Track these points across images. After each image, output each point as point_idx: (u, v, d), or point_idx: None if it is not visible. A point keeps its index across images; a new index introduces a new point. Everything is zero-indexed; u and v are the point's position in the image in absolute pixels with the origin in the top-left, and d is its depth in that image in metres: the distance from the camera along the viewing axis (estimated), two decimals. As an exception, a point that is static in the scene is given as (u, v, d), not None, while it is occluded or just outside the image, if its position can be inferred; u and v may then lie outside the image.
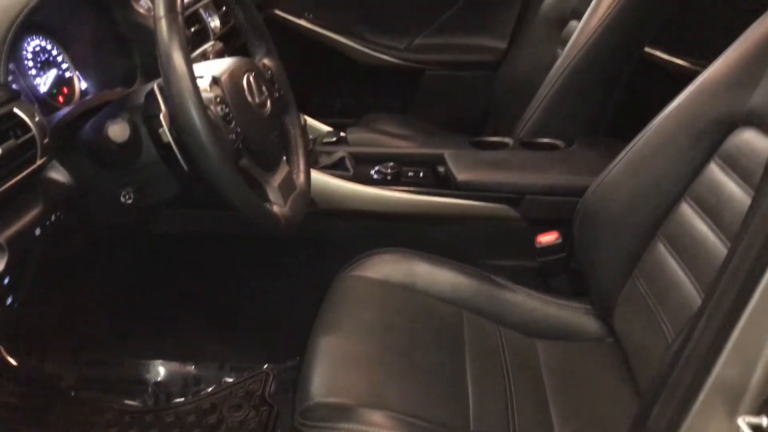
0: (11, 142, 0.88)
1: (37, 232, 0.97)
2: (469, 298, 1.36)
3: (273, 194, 1.12)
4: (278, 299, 1.57)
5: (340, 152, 1.58)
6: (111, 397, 1.52)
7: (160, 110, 1.02)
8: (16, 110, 0.92)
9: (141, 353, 1.55)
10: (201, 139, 0.93)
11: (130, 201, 1.07)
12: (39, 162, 0.94)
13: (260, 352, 1.58)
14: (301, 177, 1.26)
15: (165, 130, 1.02)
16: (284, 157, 1.23)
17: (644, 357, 1.14)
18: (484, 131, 2.18)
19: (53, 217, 1.01)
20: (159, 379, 1.54)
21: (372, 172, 1.55)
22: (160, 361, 1.55)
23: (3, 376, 1.54)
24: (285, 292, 1.56)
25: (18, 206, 0.95)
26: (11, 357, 1.57)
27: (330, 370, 1.13)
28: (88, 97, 1.30)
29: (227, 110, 1.03)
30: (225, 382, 1.55)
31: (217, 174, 0.96)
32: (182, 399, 1.53)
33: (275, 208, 1.10)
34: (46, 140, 0.95)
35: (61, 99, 1.27)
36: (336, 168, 1.55)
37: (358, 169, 1.56)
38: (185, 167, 1.03)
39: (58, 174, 1.05)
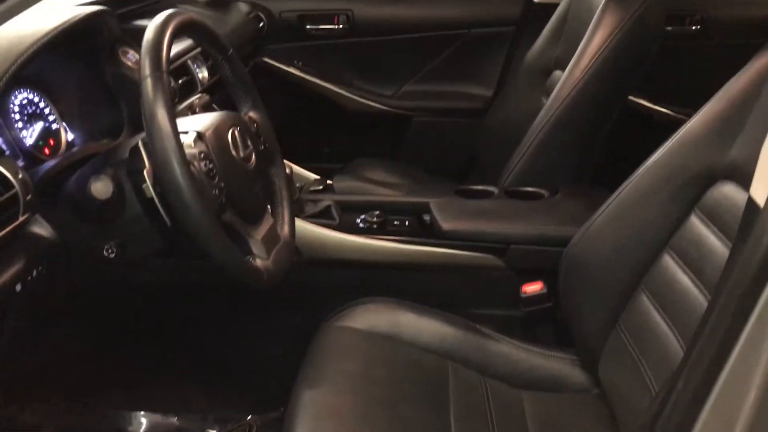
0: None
1: (18, 288, 0.97)
2: (455, 348, 1.36)
3: (256, 247, 1.12)
4: (262, 349, 1.56)
5: (327, 201, 1.59)
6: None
7: (144, 166, 1.03)
8: (-1, 167, 0.92)
9: (123, 404, 1.53)
10: (183, 195, 0.94)
11: (113, 255, 1.07)
12: (21, 219, 0.94)
13: (244, 402, 1.56)
14: (286, 229, 1.26)
15: (148, 186, 1.02)
16: (269, 209, 1.23)
17: (629, 411, 1.13)
18: (471, 177, 2.20)
19: (35, 273, 1.01)
20: (141, 430, 1.52)
21: (358, 220, 1.56)
22: (142, 413, 1.53)
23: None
24: (269, 342, 1.55)
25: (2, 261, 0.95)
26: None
27: (313, 424, 1.13)
28: (75, 149, 1.31)
29: (211, 166, 1.04)
30: (208, 432, 1.53)
31: (199, 230, 0.96)
32: (164, 452, 1.51)
33: (258, 262, 1.10)
34: (28, 197, 0.95)
35: (47, 151, 1.27)
36: (322, 217, 1.55)
37: (344, 217, 1.56)
38: (168, 222, 1.04)
39: (41, 229, 1.05)
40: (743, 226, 0.75)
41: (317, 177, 1.75)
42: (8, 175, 0.92)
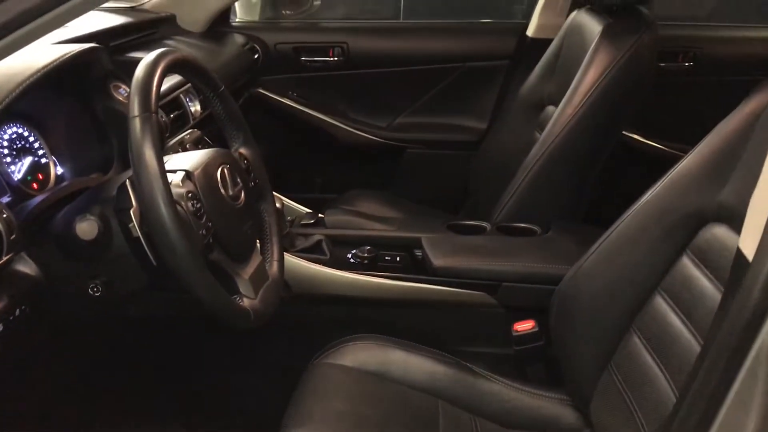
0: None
1: (0, 328, 0.95)
2: (445, 387, 1.34)
3: (243, 287, 1.11)
4: (249, 385, 1.54)
5: (317, 235, 1.58)
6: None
7: (131, 205, 1.02)
8: (-19, 207, 0.91)
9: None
10: (169, 236, 0.93)
11: (99, 293, 1.06)
12: (4, 259, 0.93)
13: None
14: (274, 267, 1.25)
15: (135, 225, 1.01)
16: (258, 247, 1.22)
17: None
18: (464, 210, 2.19)
19: (17, 312, 0.99)
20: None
21: (349, 255, 1.55)
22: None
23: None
24: (256, 378, 1.53)
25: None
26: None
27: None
28: (64, 183, 1.30)
29: (199, 205, 1.03)
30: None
31: (184, 271, 0.95)
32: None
33: (245, 302, 1.09)
34: (13, 236, 0.94)
35: (35, 185, 1.26)
36: (313, 251, 1.54)
37: (335, 252, 1.56)
38: (154, 262, 1.03)
39: (26, 267, 1.04)
40: (733, 278, 0.74)
41: (308, 211, 1.74)
42: (-9, 215, 0.91)
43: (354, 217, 1.77)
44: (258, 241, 1.24)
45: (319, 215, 1.71)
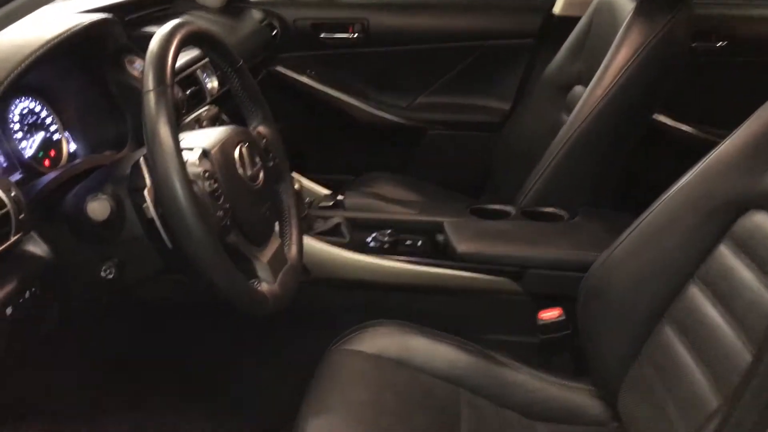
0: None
1: (8, 311, 0.91)
2: (468, 376, 1.30)
3: (262, 271, 1.07)
4: (266, 373, 1.51)
5: (337, 218, 1.53)
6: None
7: (144, 184, 0.98)
8: (-11, 185, 0.87)
9: (118, 428, 1.48)
10: (185, 218, 0.89)
11: (111, 276, 1.02)
12: (12, 239, 0.89)
13: (245, 428, 1.50)
14: (293, 250, 1.20)
15: (149, 206, 0.97)
16: (276, 229, 1.18)
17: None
18: (485, 193, 2.14)
19: (27, 294, 0.95)
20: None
21: (368, 239, 1.50)
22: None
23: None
24: (273, 365, 1.49)
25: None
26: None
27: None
28: (77, 161, 1.26)
29: (216, 186, 0.98)
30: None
31: (200, 254, 0.91)
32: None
33: (263, 286, 1.05)
34: (21, 215, 0.90)
35: (47, 162, 1.23)
36: (332, 234, 1.50)
37: (355, 235, 1.51)
38: (169, 244, 0.98)
39: (36, 247, 1.00)
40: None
41: (327, 192, 1.69)
42: (0, 193, 0.87)
43: (373, 199, 1.72)
44: (276, 223, 1.19)
45: (338, 197, 1.66)
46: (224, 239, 1.00)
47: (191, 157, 0.98)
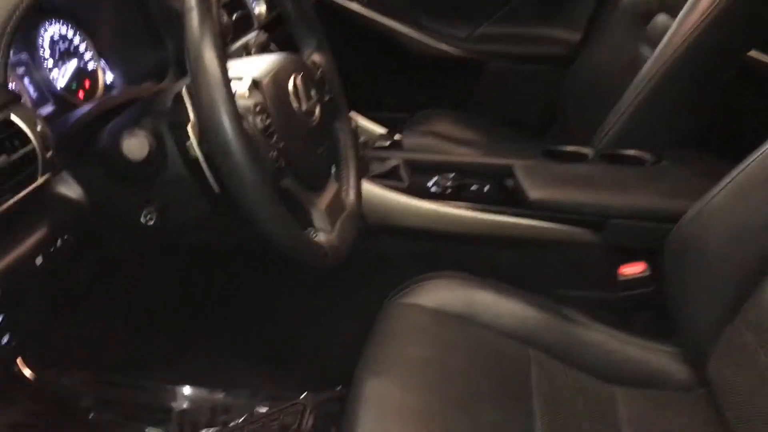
0: (3, 159, 0.71)
1: (39, 261, 0.81)
2: (539, 334, 1.19)
3: (319, 219, 0.94)
4: (319, 323, 1.41)
5: (394, 159, 1.40)
6: (132, 423, 1.37)
7: (188, 119, 0.85)
8: (13, 117, 0.75)
9: (166, 377, 1.40)
10: (234, 158, 0.76)
11: (153, 222, 0.91)
12: (40, 180, 0.78)
13: (297, 380, 1.41)
14: (351, 195, 1.08)
15: (193, 144, 0.85)
16: (332, 173, 1.05)
17: (747, 416, 0.95)
18: (551, 135, 1.98)
19: (59, 242, 0.85)
20: (185, 406, 1.39)
21: (429, 183, 1.37)
22: (186, 387, 1.40)
23: (16, 389, 1.40)
24: (327, 315, 1.39)
25: (14, 231, 0.79)
26: (27, 368, 1.44)
27: (379, 424, 0.97)
28: (113, 92, 1.15)
29: (268, 122, 0.85)
30: (257, 412, 1.39)
31: (252, 200, 0.79)
32: (209, 429, 1.37)
33: (321, 237, 0.93)
34: (49, 153, 0.79)
35: (81, 94, 1.11)
36: (389, 178, 1.37)
37: (414, 179, 1.38)
38: (215, 188, 0.87)
39: (68, 189, 0.89)
40: None
41: (383, 131, 1.55)
42: (24, 126, 0.76)
43: (434, 139, 1.57)
44: (332, 166, 1.07)
45: (395, 137, 1.52)
46: (278, 184, 0.87)
47: (240, 88, 0.85)
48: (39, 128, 0.77)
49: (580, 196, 1.29)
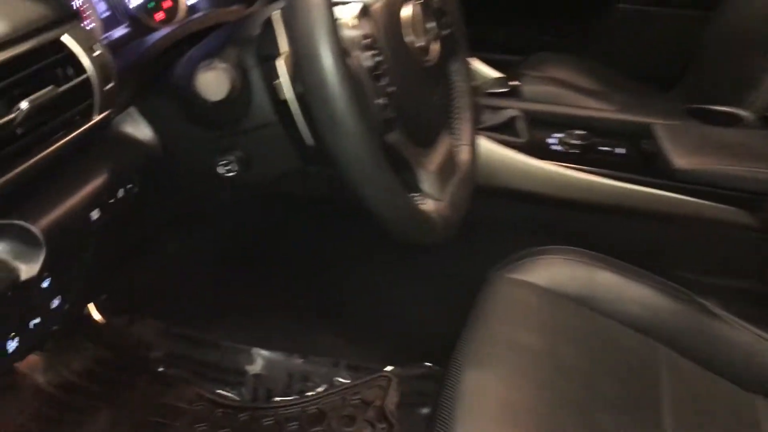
0: (48, 91, 0.57)
1: (95, 215, 0.67)
2: (670, 328, 1.01)
3: (428, 183, 0.77)
4: (411, 292, 1.25)
5: (512, 110, 1.21)
6: (203, 383, 1.26)
7: (279, 51, 0.69)
8: (65, 39, 0.61)
9: (242, 337, 1.28)
10: (334, 103, 0.60)
11: (232, 174, 0.76)
12: (96, 118, 0.63)
13: (383, 351, 1.27)
14: (466, 153, 0.90)
15: (284, 83, 0.69)
16: (445, 125, 0.88)
17: None
18: (682, 86, 1.73)
19: (121, 192, 0.71)
20: (260, 370, 1.27)
21: (551, 140, 1.17)
22: (263, 350, 1.27)
23: (86, 334, 1.32)
24: (421, 284, 1.24)
25: (65, 180, 0.66)
26: (98, 312, 1.35)
27: (479, 425, 0.82)
28: (197, 15, 0.99)
29: (378, 59, 0.68)
30: (337, 382, 1.26)
31: (352, 159, 0.62)
32: (285, 398, 1.25)
33: (429, 205, 0.76)
34: (110, 85, 0.64)
35: (159, 15, 0.96)
36: (504, 131, 1.18)
37: (534, 134, 1.19)
38: (308, 140, 0.71)
39: (136, 129, 0.75)
40: None
41: (499, 75, 1.35)
42: (78, 50, 0.61)
43: (557, 87, 1.36)
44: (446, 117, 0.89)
45: (513, 83, 1.31)
46: (383, 138, 0.70)
47: (346, 15, 0.68)
48: (96, 53, 0.62)
49: (736, 168, 1.07)
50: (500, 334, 0.96)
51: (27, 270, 0.62)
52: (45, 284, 0.66)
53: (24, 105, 0.54)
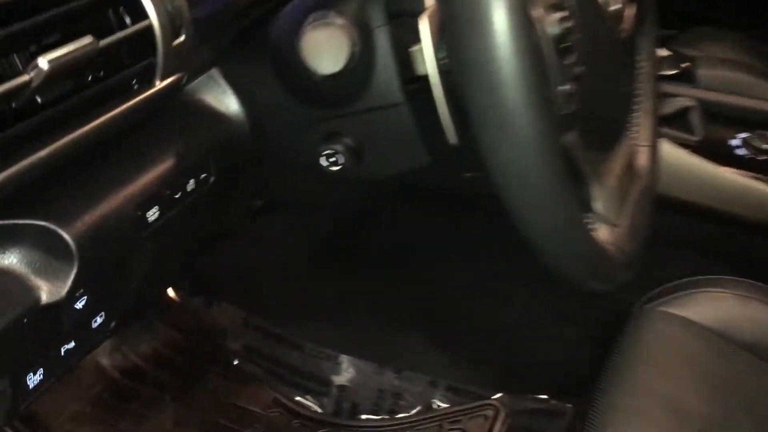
0: (84, 45, 0.38)
1: (153, 215, 0.49)
2: None
3: (604, 200, 0.56)
4: (531, 310, 1.05)
5: (684, 99, 0.97)
6: (280, 386, 1.10)
7: (420, 5, 0.49)
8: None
9: (329, 341, 1.10)
10: (505, 90, 0.39)
11: (337, 168, 0.56)
12: (159, 85, 0.45)
13: (489, 374, 1.07)
14: (645, 157, 0.68)
15: (426, 51, 0.48)
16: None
17: None
18: None
19: (191, 184, 0.53)
20: (346, 381, 1.09)
21: (734, 142, 0.93)
22: (352, 358, 1.09)
23: (157, 313, 1.18)
24: (545, 303, 1.03)
25: (114, 165, 0.48)
26: (173, 290, 1.20)
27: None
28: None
29: (569, 25, 0.46)
30: (434, 405, 1.07)
31: (524, 173, 0.42)
32: (372, 417, 1.07)
33: (605, 233, 0.55)
34: (180, 38, 0.45)
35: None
36: (674, 126, 0.94)
37: (710, 132, 0.95)
38: (452, 136, 0.50)
39: (217, 98, 0.56)
40: None
41: (666, 52, 1.09)
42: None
43: (741, 73, 1.09)
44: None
45: (684, 64, 1.06)
46: (561, 140, 0.49)
47: None
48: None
49: None
50: (655, 387, 0.77)
51: (51, 290, 0.45)
52: (79, 305, 0.49)
53: (43, 63, 0.36)
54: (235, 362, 1.16)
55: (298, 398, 1.10)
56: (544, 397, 1.05)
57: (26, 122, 0.38)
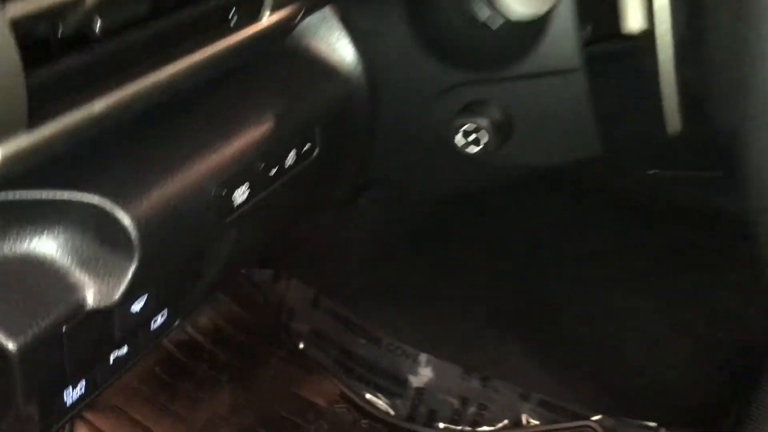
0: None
1: (240, 195, 0.37)
2: None
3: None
4: (647, 323, 0.90)
5: None
6: (349, 380, 0.98)
7: None
8: None
9: (408, 336, 0.97)
10: None
11: (477, 149, 0.43)
12: (266, 22, 0.32)
13: (587, 391, 0.93)
14: None
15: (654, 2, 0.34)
16: None
17: None
18: None
19: (292, 157, 0.40)
20: (425, 383, 0.96)
21: None
22: (433, 358, 0.96)
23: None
24: (667, 319, 0.88)
25: (192, 129, 0.35)
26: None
27: None
28: None
29: None
30: (524, 421, 0.94)
31: None
32: (452, 426, 0.94)
33: None
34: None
35: None
36: None
37: None
38: (674, 122, 0.36)
39: (330, 46, 0.43)
40: None
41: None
42: None
43: None
44: None
45: None
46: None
47: None
48: None
49: None
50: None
51: (101, 291, 0.33)
52: (137, 307, 0.37)
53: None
54: (301, 346, 1.04)
55: (368, 396, 0.98)
56: (653, 424, 0.91)
57: (75, 57, 0.26)
